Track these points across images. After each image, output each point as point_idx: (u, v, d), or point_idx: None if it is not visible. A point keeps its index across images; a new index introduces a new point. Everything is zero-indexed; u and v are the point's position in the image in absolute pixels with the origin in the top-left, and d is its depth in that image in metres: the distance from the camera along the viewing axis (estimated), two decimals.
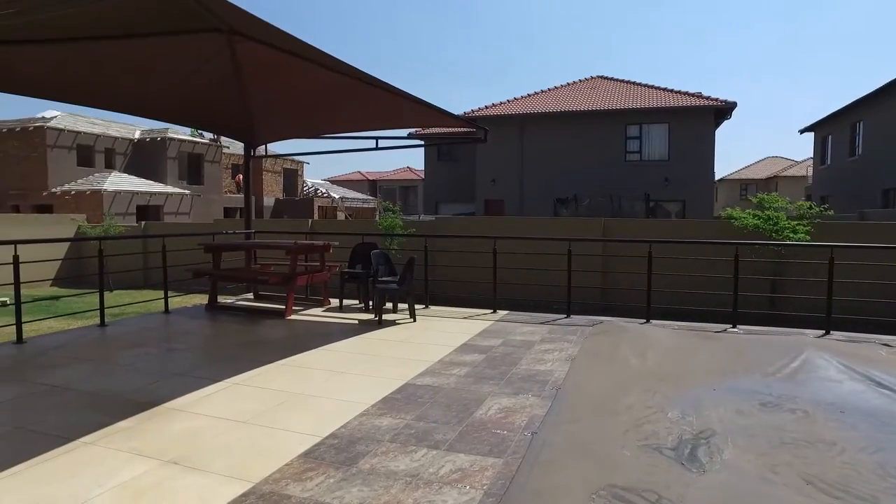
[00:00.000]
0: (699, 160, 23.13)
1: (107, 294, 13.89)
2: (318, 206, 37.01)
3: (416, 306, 7.70)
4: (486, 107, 27.12)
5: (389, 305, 7.91)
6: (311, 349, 5.89)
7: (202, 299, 9.02)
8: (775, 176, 48.81)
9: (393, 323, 7.30)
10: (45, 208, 24.36)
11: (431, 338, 6.50)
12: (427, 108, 7.20)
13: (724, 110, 23.31)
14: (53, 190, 24.24)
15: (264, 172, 36.28)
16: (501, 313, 8.00)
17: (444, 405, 4.23)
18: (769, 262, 11.09)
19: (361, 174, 60.75)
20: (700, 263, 9.47)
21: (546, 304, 9.21)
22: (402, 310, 8.00)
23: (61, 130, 25.01)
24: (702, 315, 8.25)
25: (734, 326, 6.94)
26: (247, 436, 3.65)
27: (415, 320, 7.40)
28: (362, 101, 7.49)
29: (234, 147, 35.53)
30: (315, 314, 7.93)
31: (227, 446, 3.50)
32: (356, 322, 7.38)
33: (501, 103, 27.48)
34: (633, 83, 27.65)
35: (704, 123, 23.35)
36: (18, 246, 6.11)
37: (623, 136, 24.52)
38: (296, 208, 36.05)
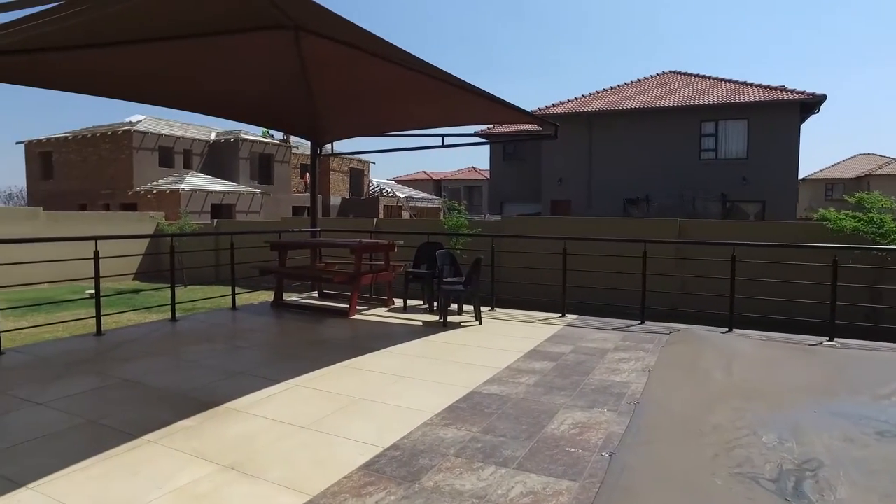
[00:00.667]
0: (782, 158, 21.69)
1: (180, 289, 14.42)
2: (384, 206, 37.42)
3: (482, 308, 7.45)
4: (553, 105, 26.54)
5: (454, 307, 7.70)
6: (373, 351, 5.75)
7: (268, 296, 9.11)
8: (867, 175, 45.27)
9: (458, 325, 7.08)
10: (130, 206, 25.74)
11: (498, 342, 6.24)
12: (498, 105, 6.93)
13: (810, 104, 21.76)
14: (138, 189, 25.56)
15: (331, 172, 37.01)
16: (570, 318, 7.63)
17: (512, 417, 3.96)
18: (869, 268, 10.14)
19: (426, 174, 61.05)
20: (789, 269, 8.75)
21: (617, 309, 8.75)
22: (468, 312, 7.77)
23: (146, 133, 26.36)
24: (791, 325, 7.57)
25: (831, 339, 6.29)
26: (305, 442, 3.52)
27: (480, 323, 7.16)
28: (430, 98, 7.31)
29: (303, 147, 36.47)
30: (379, 314, 7.82)
31: (285, 453, 3.36)
32: (420, 324, 7.20)
33: (569, 101, 26.83)
34: (709, 77, 26.34)
35: (788, 118, 21.87)
36: (101, 240, 6.29)
37: (697, 134, 23.36)
38: (362, 208, 36.57)
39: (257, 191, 28.56)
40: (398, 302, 8.54)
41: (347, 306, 7.70)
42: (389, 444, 3.45)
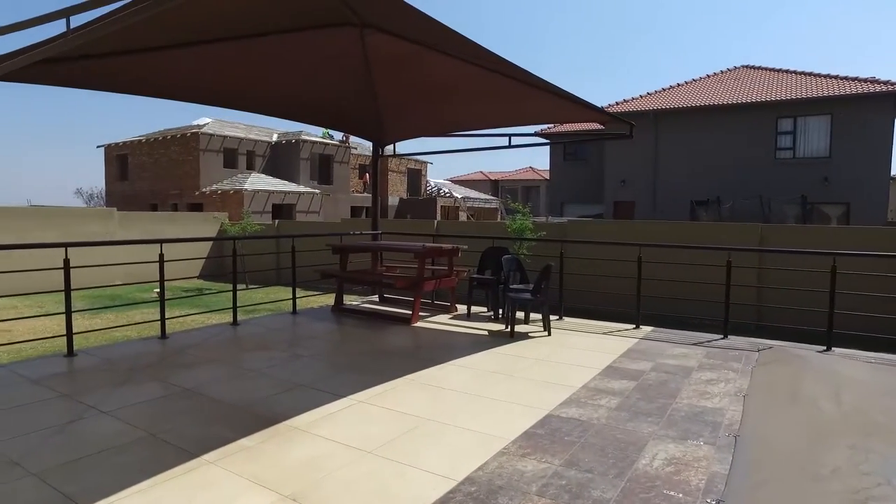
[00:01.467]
0: (870, 156, 20.11)
1: (242, 290, 14.63)
2: (441, 206, 37.30)
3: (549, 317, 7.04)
4: (616, 103, 25.66)
5: (521, 315, 7.32)
6: (440, 363, 5.45)
7: (328, 299, 9.00)
8: None
9: (526, 336, 6.70)
10: (196, 206, 26.57)
11: (571, 356, 5.82)
12: (570, 103, 6.52)
13: None
14: (203, 190, 26.35)
15: (389, 172, 37.18)
16: (646, 330, 7.11)
17: (597, 448, 3.56)
18: None
19: (483, 174, 60.70)
20: (891, 281, 7.92)
21: (695, 321, 8.14)
22: (534, 321, 7.39)
23: (211, 135, 27.16)
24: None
25: None
26: (373, 471, 3.23)
27: (550, 334, 6.75)
28: (498, 96, 6.96)
29: (361, 148, 36.79)
30: (442, 322, 7.53)
31: (350, 484, 3.09)
32: (486, 333, 6.86)
33: (633, 99, 25.89)
34: (786, 71, 24.78)
35: (879, 113, 20.21)
36: (167, 241, 6.27)
37: (773, 131, 21.99)
38: (419, 208, 36.55)
39: (317, 191, 28.95)
40: (461, 309, 8.23)
41: (409, 313, 7.45)
42: (464, 477, 3.13)
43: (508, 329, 6.77)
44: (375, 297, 9.16)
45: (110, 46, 4.97)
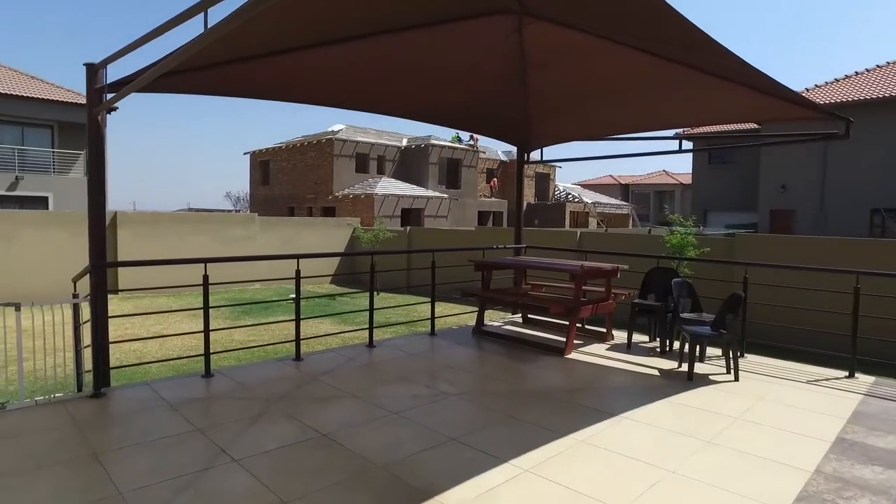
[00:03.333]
0: None
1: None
2: (570, 212, 35.78)
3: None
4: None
5: (675, 343, 6.11)
6: (611, 415, 4.47)
7: (467, 315, 8.30)
8: None
9: (707, 380, 5.50)
10: (330, 209, 27.43)
11: (778, 416, 4.57)
12: (773, 98, 5.26)
13: None
14: (337, 194, 27.12)
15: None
16: (865, 381, 5.61)
17: None
18: None
19: (613, 178, 58.16)
20: None
21: None
22: (711, 357, 6.16)
23: (344, 141, 27.91)
24: None
25: None
26: None
27: (737, 380, 5.50)
28: (674, 89, 5.84)
29: (489, 152, 36.24)
30: (598, 353, 6.51)
31: None
32: (656, 373, 5.75)
33: (802, 91, 22.82)
34: None
35: None
36: (302, 254, 5.90)
37: None
38: (547, 214, 35.29)
39: (445, 195, 28.77)
40: (618, 336, 7.16)
41: (559, 338, 6.53)
42: None
43: (681, 366, 5.62)
44: (518, 317, 8.32)
45: (249, 50, 4.58)
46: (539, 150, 8.44)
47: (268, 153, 32.30)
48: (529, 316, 8.09)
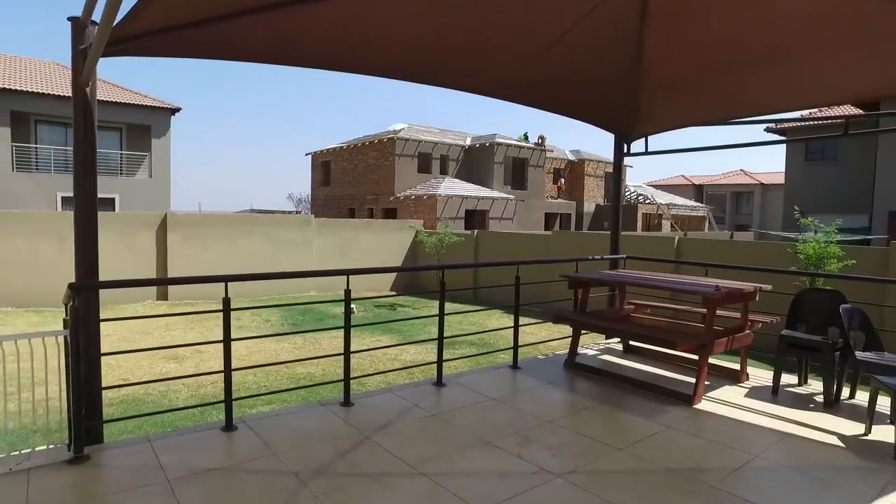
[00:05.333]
0: None
1: (435, 308, 13.11)
2: (642, 214, 33.51)
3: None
4: None
5: (843, 392, 4.38)
6: None
7: (553, 336, 6.81)
8: None
9: None
10: (391, 211, 26.42)
11: None
12: None
13: None
14: (398, 195, 26.06)
15: (585, 177, 34.32)
16: None
17: None
18: None
19: (685, 178, 55.04)
20: None
21: None
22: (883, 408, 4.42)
23: (406, 140, 26.83)
24: None
25: None
26: None
27: None
28: (865, 43, 4.16)
29: (557, 151, 34.36)
30: (736, 402, 4.88)
31: None
32: (836, 442, 4.07)
33: None
34: None
35: None
36: (352, 270, 4.59)
37: None
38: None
39: (511, 196, 27.22)
40: (754, 376, 5.52)
41: (677, 377, 4.96)
42: None
43: (879, 437, 3.93)
44: (615, 341, 6.76)
45: None
46: (644, 139, 6.84)
47: (329, 154, 31.69)
48: (631, 342, 6.50)
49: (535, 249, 13.65)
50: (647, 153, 6.86)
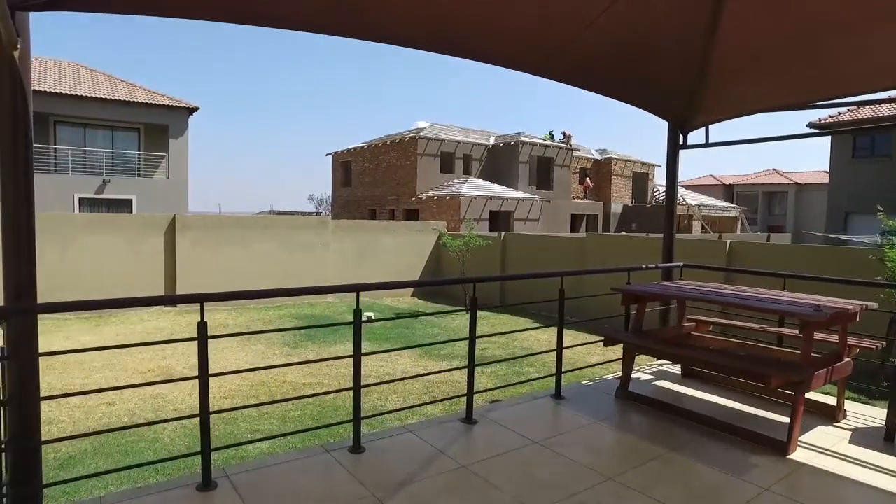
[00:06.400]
0: None
1: (463, 316, 12.19)
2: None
3: None
4: None
5: None
6: None
7: (597, 355, 5.87)
8: None
9: None
10: (413, 212, 25.61)
11: None
12: None
13: None
14: (420, 195, 25.24)
15: (612, 177, 33.13)
16: None
17: None
18: None
19: (714, 178, 53.44)
20: None
21: None
22: None
23: (429, 139, 25.99)
24: None
25: None
26: None
27: None
28: None
29: (584, 150, 33.21)
30: (840, 451, 3.91)
31: None
32: None
33: None
34: None
35: None
36: (363, 286, 3.70)
37: None
38: (645, 217, 31.92)
39: (537, 197, 26.21)
40: (852, 412, 4.54)
41: (757, 412, 4.00)
42: None
43: None
44: (670, 366, 5.80)
45: None
46: (704, 127, 5.87)
47: (349, 154, 31.02)
48: (691, 366, 5.53)
49: (568, 254, 12.65)
50: (707, 145, 5.88)
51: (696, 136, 6.04)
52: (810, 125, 24.00)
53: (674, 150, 6.09)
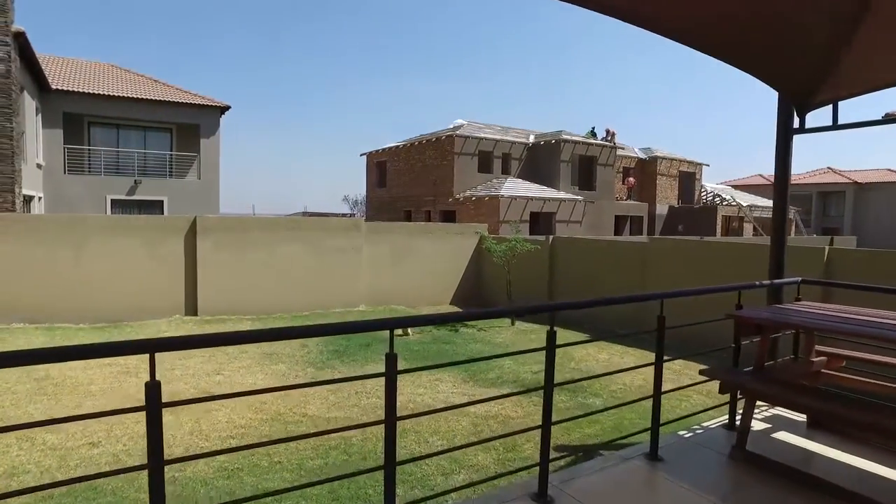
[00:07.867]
0: None
1: (507, 330, 11.03)
2: (721, 216, 30.41)
3: None
4: None
5: None
6: None
7: (702, 401, 4.65)
8: None
9: None
10: (449, 214, 24.55)
11: None
12: None
13: None
14: (457, 196, 24.18)
15: (658, 176, 31.43)
16: None
17: None
18: None
19: (763, 177, 50.91)
20: None
21: None
22: None
23: (466, 138, 24.92)
24: None
25: None
26: None
27: None
28: None
29: (628, 149, 31.62)
30: None
31: None
32: None
33: None
34: None
35: None
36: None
37: None
38: (692, 218, 30.19)
39: (579, 198, 24.84)
40: None
41: None
42: None
43: None
44: (794, 414, 4.56)
45: None
46: (832, 104, 4.61)
47: (384, 154, 30.17)
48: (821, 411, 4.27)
49: (627, 261, 11.31)
50: (835, 127, 4.61)
51: (813, 117, 4.78)
52: (885, 115, 22.05)
53: (785, 134, 4.85)
